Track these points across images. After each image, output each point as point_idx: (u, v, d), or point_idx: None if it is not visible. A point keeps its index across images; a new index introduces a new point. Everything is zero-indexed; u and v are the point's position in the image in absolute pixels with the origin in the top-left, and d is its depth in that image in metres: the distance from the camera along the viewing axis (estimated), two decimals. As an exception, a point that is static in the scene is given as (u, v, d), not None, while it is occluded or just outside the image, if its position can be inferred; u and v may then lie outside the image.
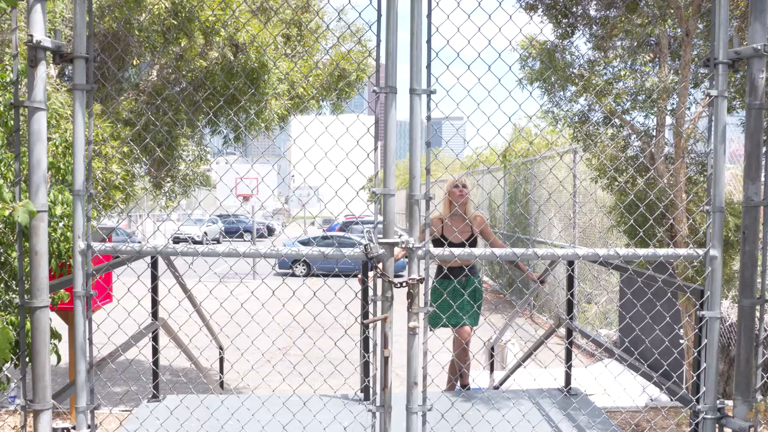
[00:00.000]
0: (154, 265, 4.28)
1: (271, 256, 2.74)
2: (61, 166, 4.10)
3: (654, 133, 6.82)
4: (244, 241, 33.27)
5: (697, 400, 2.79)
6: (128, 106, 6.53)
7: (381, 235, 2.65)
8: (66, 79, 6.38)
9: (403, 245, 2.62)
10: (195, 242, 29.94)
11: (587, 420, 3.72)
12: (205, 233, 32.44)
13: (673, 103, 6.75)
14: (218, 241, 34.05)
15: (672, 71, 6.65)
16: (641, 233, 3.09)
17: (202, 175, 8.91)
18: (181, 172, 8.18)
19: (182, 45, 6.53)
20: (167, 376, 8.02)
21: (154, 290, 4.26)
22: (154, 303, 4.33)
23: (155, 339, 4.41)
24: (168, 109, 6.60)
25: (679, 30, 6.39)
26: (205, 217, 33.64)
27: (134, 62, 6.86)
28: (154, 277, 4.23)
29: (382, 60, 2.65)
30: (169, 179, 7.94)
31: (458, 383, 4.98)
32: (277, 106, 7.31)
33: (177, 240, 29.60)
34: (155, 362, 4.28)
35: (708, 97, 2.73)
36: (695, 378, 2.82)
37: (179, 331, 4.30)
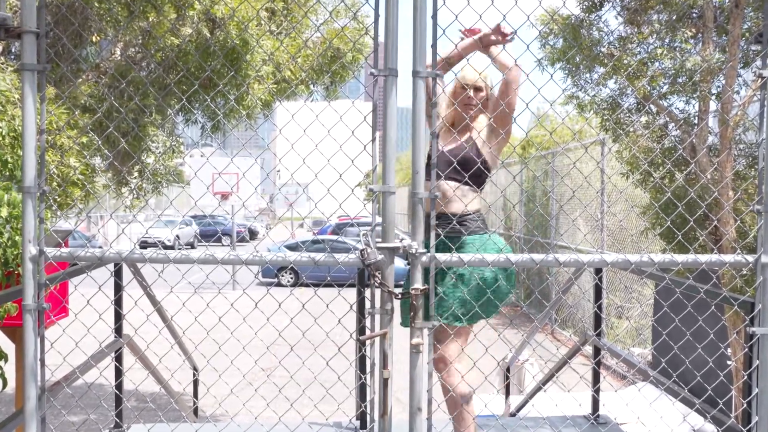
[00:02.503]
0: (117, 274, 4.26)
1: (254, 263, 2.73)
2: (9, 158, 4.09)
3: (695, 121, 6.81)
4: (223, 245, 33.31)
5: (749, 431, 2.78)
6: (87, 90, 6.52)
7: (379, 239, 2.64)
8: (13, 57, 6.37)
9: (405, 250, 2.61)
10: (165, 247, 29.93)
11: (618, 452, 3.71)
12: (178, 237, 32.42)
13: (718, 86, 6.73)
14: (192, 246, 34.08)
15: (718, 49, 6.63)
16: (680, 237, 3.07)
17: (173, 170, 8.89)
18: (149, 166, 8.16)
19: (150, 19, 6.51)
20: (132, 402, 8.00)
21: (118, 303, 4.25)
22: (118, 317, 4.31)
23: (119, 359, 4.39)
24: (134, 94, 6.59)
25: (727, 0, 6.37)
26: (178, 219, 33.62)
27: (94, 39, 6.84)
28: (118, 288, 4.22)
29: (381, 38, 2.64)
30: (135, 175, 7.93)
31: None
32: (260, 90, 7.30)
33: (144, 244, 29.58)
34: (118, 386, 4.26)
35: (760, 79, 2.71)
36: (745, 405, 2.80)
37: (147, 349, 4.28)
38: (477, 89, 3.56)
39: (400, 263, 2.88)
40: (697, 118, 6.79)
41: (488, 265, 2.71)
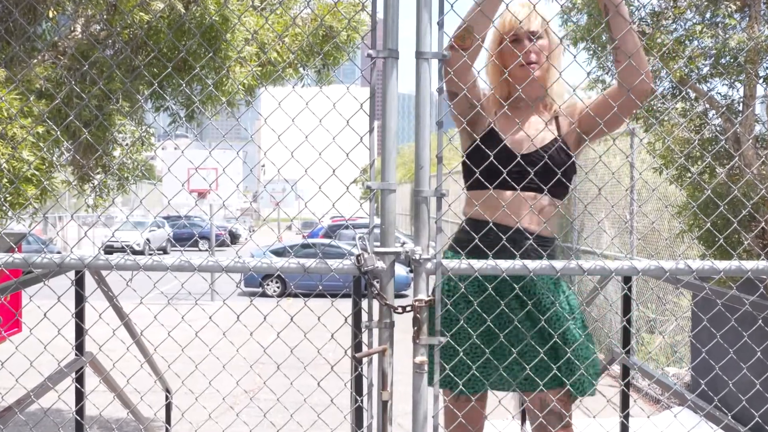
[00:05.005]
0: (79, 283, 4.27)
1: (236, 271, 2.73)
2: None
3: (740, 108, 6.81)
4: (200, 250, 33.32)
5: (796, 461, 2.79)
6: (43, 73, 6.52)
7: (378, 243, 2.64)
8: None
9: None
10: (134, 252, 29.92)
11: (651, 487, 3.71)
12: (148, 240, 32.45)
13: (767, 68, 6.73)
14: (165, 251, 34.07)
15: (766, 25, 6.62)
16: (721, 240, 3.08)
17: (143, 165, 8.89)
18: (115, 160, 8.17)
19: (117, -8, 6.52)
20: (95, 430, 7.99)
21: (79, 316, 4.25)
22: (79, 332, 4.31)
23: (80, 380, 4.40)
24: (97, 78, 6.59)
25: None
26: (148, 220, 33.62)
27: (50, 14, 6.84)
28: (80, 299, 4.22)
29: (380, 15, 2.65)
30: (99, 170, 7.92)
31: None
32: (242, 74, 7.30)
33: (110, 249, 29.56)
34: (80, 411, 4.26)
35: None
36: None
37: (112, 369, 4.29)
38: (539, 37, 2.99)
39: (402, 271, 2.89)
40: (741, 104, 6.79)
41: (502, 274, 2.70)
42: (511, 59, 2.98)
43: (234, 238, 39.93)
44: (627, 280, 5.02)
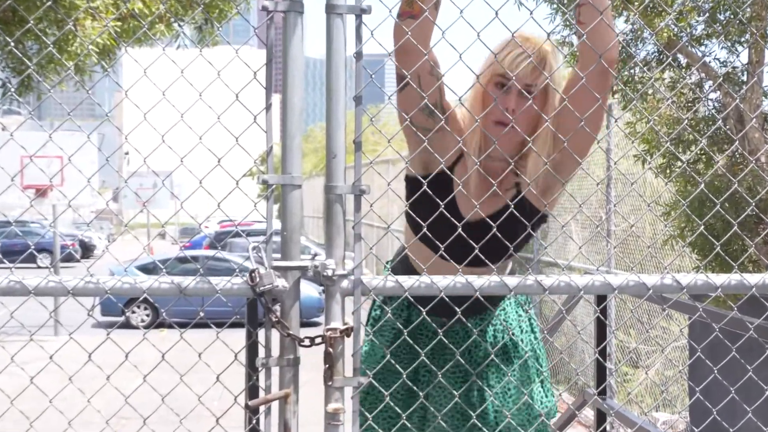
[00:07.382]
0: None
1: (88, 294, 2.70)
2: None
3: (743, 78, 6.96)
4: (38, 267, 32.74)
5: None
6: None
7: (279, 255, 2.63)
8: None
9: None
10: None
11: None
12: (-34, 254, 31.74)
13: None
14: (-10, 269, 33.43)
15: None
16: (718, 248, 3.15)
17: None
18: None
19: None
20: None
21: None
22: None
23: None
24: None
25: None
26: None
27: None
28: None
29: (279, -48, 2.65)
30: None
31: None
32: (95, 30, 7.22)
33: None
34: None
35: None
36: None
37: None
38: (526, 87, 3.06)
39: (313, 291, 2.89)
40: (745, 73, 6.94)
41: (440, 293, 2.72)
42: (489, 104, 3.03)
43: (87, 250, 39.38)
44: (601, 299, 5.11)
